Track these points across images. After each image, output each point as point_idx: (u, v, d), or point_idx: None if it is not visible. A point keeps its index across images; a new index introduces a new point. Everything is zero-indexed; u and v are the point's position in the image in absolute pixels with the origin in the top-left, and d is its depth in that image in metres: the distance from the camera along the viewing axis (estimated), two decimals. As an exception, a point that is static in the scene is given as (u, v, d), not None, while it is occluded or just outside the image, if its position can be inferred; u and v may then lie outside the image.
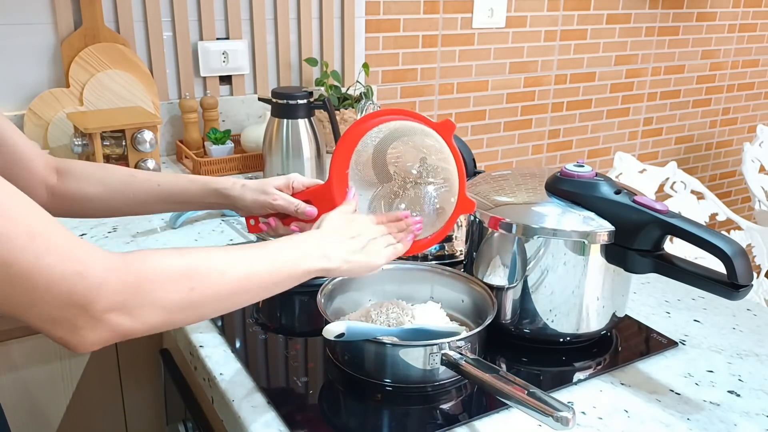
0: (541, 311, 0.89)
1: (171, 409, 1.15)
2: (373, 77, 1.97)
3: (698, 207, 2.18)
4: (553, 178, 0.91)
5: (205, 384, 0.88)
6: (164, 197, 0.95)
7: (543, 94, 2.32)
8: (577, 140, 2.47)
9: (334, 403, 0.81)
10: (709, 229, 0.78)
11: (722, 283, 0.77)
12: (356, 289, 0.95)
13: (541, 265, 0.87)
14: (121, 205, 0.96)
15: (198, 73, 1.72)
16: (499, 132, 2.28)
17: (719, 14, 2.59)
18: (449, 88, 2.13)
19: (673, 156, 2.72)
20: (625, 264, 0.84)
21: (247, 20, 1.75)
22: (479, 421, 0.77)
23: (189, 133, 1.66)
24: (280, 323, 0.99)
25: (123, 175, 0.96)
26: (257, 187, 0.93)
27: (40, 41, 1.54)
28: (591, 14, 2.30)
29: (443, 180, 0.89)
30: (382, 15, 1.93)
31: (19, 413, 1.11)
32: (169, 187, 0.94)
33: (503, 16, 2.13)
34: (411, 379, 0.81)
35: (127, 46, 1.60)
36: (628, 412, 0.79)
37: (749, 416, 0.79)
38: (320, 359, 0.89)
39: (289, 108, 1.47)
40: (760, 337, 0.97)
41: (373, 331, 0.81)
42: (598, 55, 2.37)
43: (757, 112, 2.92)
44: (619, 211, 0.84)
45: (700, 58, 2.63)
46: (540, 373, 0.87)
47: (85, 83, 1.56)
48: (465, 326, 0.90)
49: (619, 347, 0.93)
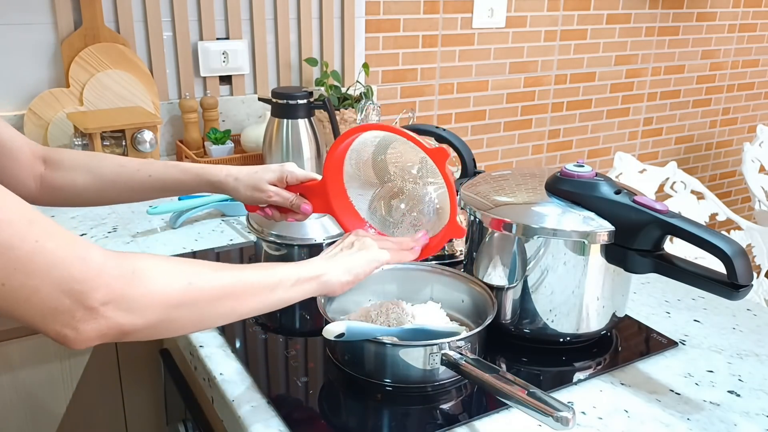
0: (541, 311, 0.89)
1: (171, 409, 1.15)
2: (373, 77, 1.97)
3: (698, 207, 2.18)
4: (553, 178, 0.91)
5: (205, 384, 0.88)
6: (156, 187, 0.94)
7: (543, 94, 2.32)
8: (577, 140, 2.47)
9: (334, 403, 0.81)
10: (709, 229, 0.78)
11: (722, 283, 0.77)
12: (356, 289, 0.95)
13: (541, 265, 0.87)
14: (112, 194, 0.95)
15: (198, 73, 1.72)
16: (499, 132, 2.29)
17: (719, 14, 2.59)
18: (449, 88, 2.13)
19: (673, 156, 2.72)
20: (625, 264, 0.84)
21: (247, 20, 1.75)
22: (479, 421, 0.77)
23: (189, 133, 1.66)
24: (280, 323, 0.99)
25: (113, 164, 0.95)
26: (250, 183, 0.93)
27: (40, 41, 1.54)
28: (591, 14, 2.30)
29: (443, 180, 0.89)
30: (382, 15, 1.93)
31: (19, 413, 1.11)
32: (161, 178, 0.94)
33: (503, 16, 2.13)
34: (411, 379, 0.81)
35: (127, 46, 1.60)
36: (628, 412, 0.79)
37: (749, 416, 0.79)
38: (320, 359, 0.89)
39: (289, 108, 1.47)
40: (760, 337, 0.97)
41: (373, 331, 0.81)
42: (598, 55, 2.37)
43: (757, 112, 2.92)
44: (619, 211, 0.84)
45: (700, 58, 2.63)
46: (540, 373, 0.87)
47: (85, 83, 1.56)
48: (465, 326, 0.90)
49: (619, 347, 0.93)
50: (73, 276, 0.55)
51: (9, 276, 0.53)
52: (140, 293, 0.60)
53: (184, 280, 0.64)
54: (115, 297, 0.58)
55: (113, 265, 0.58)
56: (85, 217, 1.31)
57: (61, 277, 0.55)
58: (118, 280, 0.58)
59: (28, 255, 0.53)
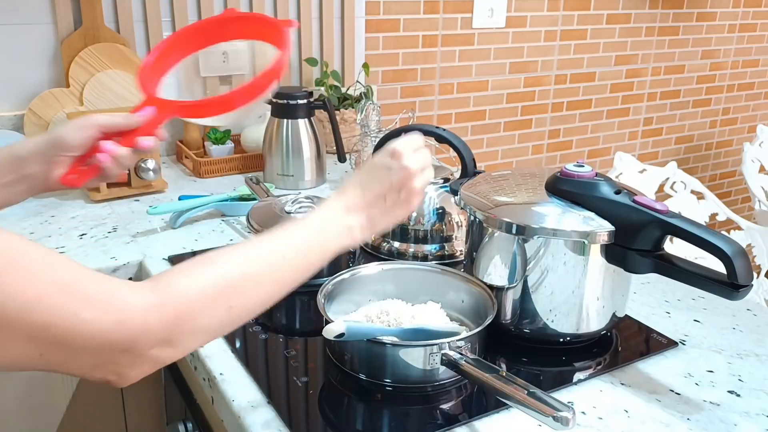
0: (541, 311, 0.89)
1: (171, 409, 1.15)
2: (373, 77, 1.97)
3: (698, 207, 2.18)
4: (553, 178, 0.91)
5: (205, 384, 0.88)
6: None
7: (543, 94, 2.32)
8: (577, 140, 2.47)
9: (334, 403, 0.81)
10: (709, 229, 0.78)
11: (722, 283, 0.77)
12: (356, 289, 0.95)
13: (541, 265, 0.87)
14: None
15: (198, 73, 1.72)
16: (499, 132, 2.28)
17: (719, 14, 2.59)
18: (449, 88, 2.13)
19: (673, 156, 2.72)
20: (625, 264, 0.84)
21: (247, 20, 1.75)
22: (479, 421, 0.77)
23: (189, 133, 1.66)
24: (280, 323, 0.99)
25: None
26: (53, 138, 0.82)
27: (40, 41, 1.54)
28: (591, 14, 2.30)
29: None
30: (382, 15, 1.93)
31: (19, 414, 1.11)
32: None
33: (503, 16, 2.13)
34: (411, 379, 0.81)
35: (127, 46, 1.60)
36: (628, 412, 0.79)
37: (749, 416, 0.79)
38: (320, 359, 0.89)
39: (289, 108, 1.47)
40: (760, 337, 0.97)
41: (373, 331, 0.81)
42: (598, 55, 2.37)
43: (757, 112, 2.92)
44: (619, 211, 0.84)
45: (700, 58, 2.63)
46: (540, 373, 0.87)
47: (85, 83, 1.56)
48: (465, 326, 0.90)
49: (619, 347, 0.93)
50: (115, 340, 0.54)
51: (50, 348, 0.52)
52: (186, 336, 0.58)
53: (225, 304, 0.61)
54: (161, 344, 0.57)
55: (155, 318, 0.56)
56: (85, 217, 1.31)
57: (101, 344, 0.53)
58: (162, 331, 0.56)
59: (66, 331, 0.51)
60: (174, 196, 1.45)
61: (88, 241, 1.21)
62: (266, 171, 1.55)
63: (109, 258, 1.14)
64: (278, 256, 0.67)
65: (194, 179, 1.58)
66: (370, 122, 1.61)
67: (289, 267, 0.68)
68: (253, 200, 1.31)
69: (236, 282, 0.63)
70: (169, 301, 0.58)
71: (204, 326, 0.60)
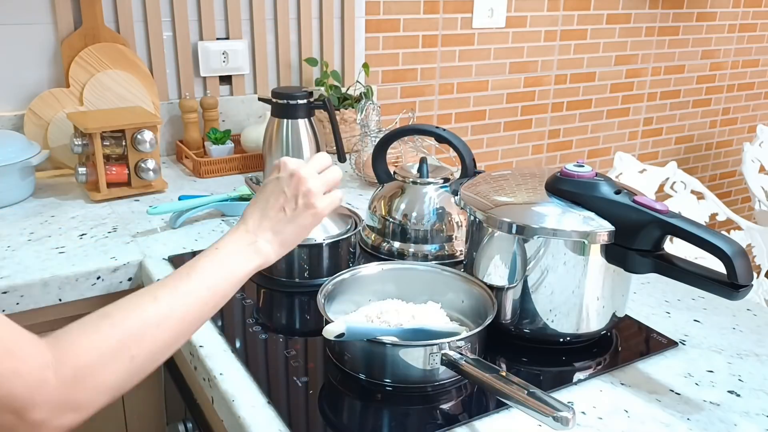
0: (541, 311, 0.89)
1: (171, 409, 1.15)
2: (373, 77, 1.97)
3: (698, 207, 2.18)
4: (553, 178, 0.91)
5: (205, 384, 0.88)
6: None
7: (543, 94, 2.32)
8: (577, 140, 2.47)
9: (334, 403, 0.81)
10: (709, 229, 0.78)
11: (722, 283, 0.77)
12: (356, 289, 0.95)
13: (541, 265, 0.87)
14: None
15: (198, 73, 1.72)
16: (499, 132, 2.29)
17: (719, 14, 2.59)
18: (449, 88, 2.13)
19: (673, 156, 2.72)
20: (625, 264, 0.84)
21: (247, 20, 1.75)
22: (479, 421, 0.77)
23: (189, 133, 1.66)
24: (280, 323, 0.99)
25: None
26: None
27: (40, 41, 1.54)
28: (591, 14, 2.30)
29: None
30: (382, 15, 1.93)
31: (19, 413, 1.11)
32: None
33: (503, 16, 2.13)
34: (411, 379, 0.81)
35: (127, 46, 1.60)
36: (628, 412, 0.79)
37: (749, 416, 0.79)
38: (320, 359, 0.89)
39: (289, 108, 1.47)
40: (760, 337, 0.97)
41: (373, 331, 0.81)
42: (598, 55, 2.37)
43: (757, 112, 2.92)
44: (619, 211, 0.84)
45: (700, 58, 2.63)
46: (540, 373, 0.87)
47: (85, 83, 1.56)
48: (465, 326, 0.90)
49: (619, 347, 0.93)
50: (12, 394, 0.52)
51: None
52: (85, 394, 0.57)
53: (126, 355, 0.61)
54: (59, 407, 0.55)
55: (51, 376, 0.54)
56: (85, 217, 1.31)
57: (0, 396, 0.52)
58: (59, 389, 0.55)
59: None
60: (174, 196, 1.45)
61: (88, 241, 1.21)
62: (266, 171, 1.55)
63: (109, 258, 1.14)
64: (180, 293, 0.67)
65: (194, 179, 1.58)
66: (370, 122, 1.61)
67: (195, 301, 0.68)
68: (253, 200, 1.31)
69: (133, 330, 0.62)
70: (67, 361, 0.57)
71: (107, 382, 0.59)
